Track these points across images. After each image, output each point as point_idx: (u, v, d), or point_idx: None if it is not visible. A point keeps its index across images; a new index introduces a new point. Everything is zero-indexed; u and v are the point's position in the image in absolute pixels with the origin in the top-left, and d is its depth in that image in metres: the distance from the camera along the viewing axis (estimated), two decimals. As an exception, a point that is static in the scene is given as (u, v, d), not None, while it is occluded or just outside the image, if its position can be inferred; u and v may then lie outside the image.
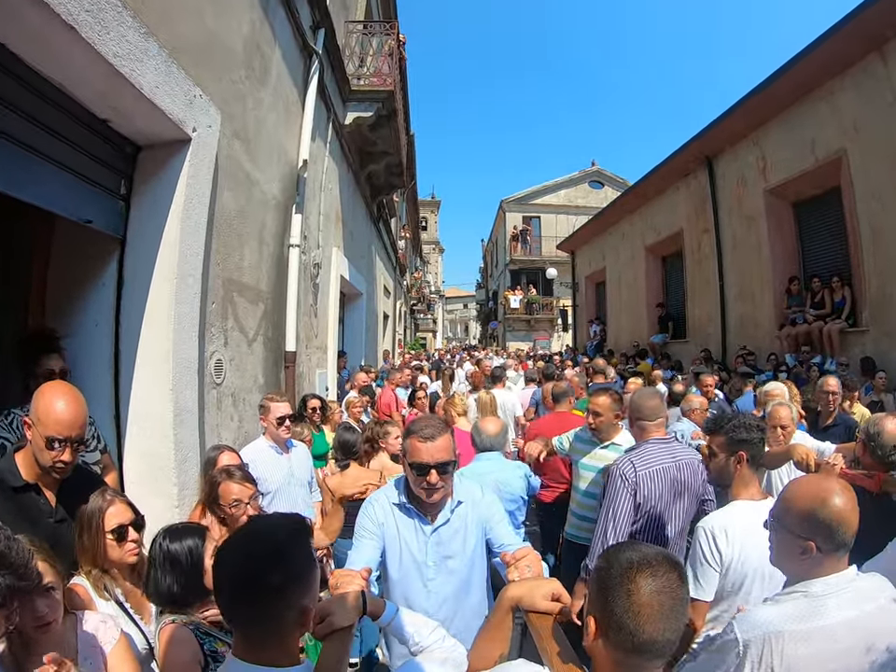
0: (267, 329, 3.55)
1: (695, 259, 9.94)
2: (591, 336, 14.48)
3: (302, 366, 4.41)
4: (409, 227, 18.41)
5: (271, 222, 3.66)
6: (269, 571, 0.89)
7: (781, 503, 1.28)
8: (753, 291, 8.50)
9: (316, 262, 4.63)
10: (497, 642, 1.13)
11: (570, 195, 23.92)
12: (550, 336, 22.93)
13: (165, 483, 2.41)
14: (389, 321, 13.24)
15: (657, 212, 11.24)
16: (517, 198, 23.92)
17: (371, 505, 1.69)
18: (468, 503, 1.68)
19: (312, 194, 4.76)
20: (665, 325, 10.68)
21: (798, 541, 1.20)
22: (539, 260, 22.89)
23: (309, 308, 4.59)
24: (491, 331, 28.63)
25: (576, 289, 16.12)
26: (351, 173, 6.83)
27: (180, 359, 2.34)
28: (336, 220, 5.83)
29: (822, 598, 1.16)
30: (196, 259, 2.48)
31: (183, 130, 2.55)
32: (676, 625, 0.85)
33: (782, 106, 7.88)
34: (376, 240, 9.71)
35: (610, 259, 13.55)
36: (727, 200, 9.18)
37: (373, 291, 9.37)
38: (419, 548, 1.62)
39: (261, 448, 2.79)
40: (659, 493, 2.13)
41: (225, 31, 3.03)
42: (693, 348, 9.77)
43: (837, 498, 1.18)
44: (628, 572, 0.87)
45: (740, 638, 1.15)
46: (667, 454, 2.21)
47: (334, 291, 5.49)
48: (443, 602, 1.61)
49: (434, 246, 39.63)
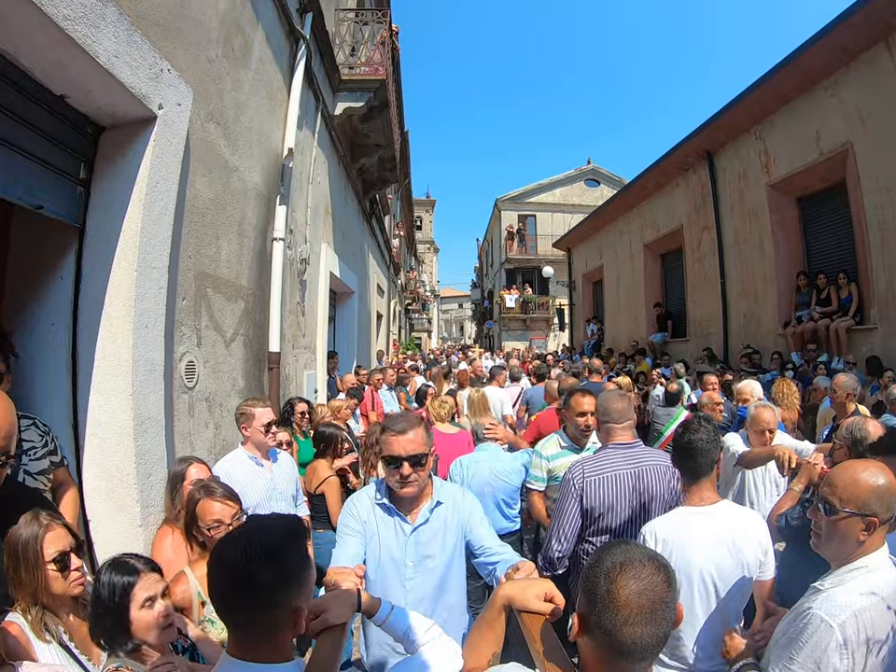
0: (248, 329, 3.30)
1: (696, 256, 9.75)
2: (588, 335, 14.28)
3: (288, 368, 4.15)
4: (403, 225, 18.15)
5: (252, 213, 3.40)
6: (262, 570, 0.89)
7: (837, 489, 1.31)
8: (756, 289, 8.31)
9: (303, 258, 4.37)
10: (489, 641, 1.12)
11: (566, 193, 23.78)
12: (546, 336, 22.75)
13: (127, 499, 2.15)
14: (383, 321, 12.97)
15: (656, 208, 11.04)
16: (512, 196, 23.74)
17: (354, 503, 1.71)
18: (447, 504, 1.69)
19: (298, 186, 4.50)
20: (665, 324, 10.48)
21: (863, 520, 1.26)
22: (535, 259, 22.73)
23: (296, 306, 4.34)
24: (486, 331, 28.43)
25: (573, 288, 15.91)
26: (342, 166, 6.57)
27: (142, 361, 2.09)
28: (325, 215, 5.58)
29: (879, 571, 1.26)
30: (161, 250, 2.22)
31: (147, 107, 2.29)
32: (656, 629, 0.84)
33: (786, 99, 7.70)
34: (369, 237, 9.45)
35: (608, 257, 13.34)
36: (728, 195, 8.99)
37: (366, 290, 9.11)
38: (398, 547, 1.64)
39: (240, 459, 2.53)
40: (609, 500, 2.06)
41: (198, 4, 2.78)
42: (693, 347, 9.58)
43: (886, 475, 1.29)
44: (611, 572, 0.87)
45: (834, 624, 1.18)
46: (625, 459, 2.12)
47: (323, 289, 5.23)
48: (420, 601, 1.62)
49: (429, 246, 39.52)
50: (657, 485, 2.10)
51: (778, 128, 8.07)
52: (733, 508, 1.75)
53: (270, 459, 2.62)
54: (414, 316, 29.67)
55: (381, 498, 1.68)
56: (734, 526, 1.65)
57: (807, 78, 7.21)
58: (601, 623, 0.85)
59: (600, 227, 13.66)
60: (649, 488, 2.09)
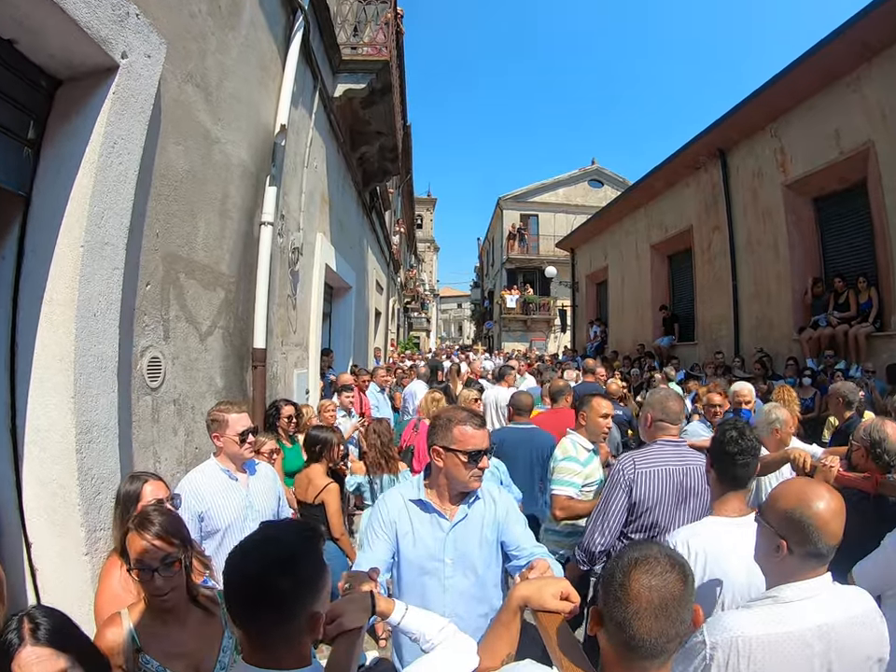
0: (228, 321, 2.93)
1: (706, 257, 9.43)
2: (591, 337, 13.95)
3: (276, 366, 3.79)
4: (404, 222, 17.79)
5: (236, 192, 3.03)
6: (280, 576, 0.88)
7: (769, 497, 1.29)
8: (770, 291, 7.99)
9: (296, 247, 4.01)
10: (504, 642, 1.12)
11: (569, 194, 23.53)
12: (546, 337, 22.44)
13: (70, 521, 1.79)
14: (382, 318, 12.60)
15: (665, 208, 10.71)
16: (515, 195, 23.45)
17: (385, 503, 1.67)
18: (485, 500, 1.67)
19: (292, 168, 4.14)
20: (672, 326, 10.15)
21: (774, 538, 1.20)
22: (537, 259, 22.46)
23: (286, 299, 3.98)
24: (486, 331, 28.10)
25: (576, 289, 15.58)
26: (341, 154, 6.21)
27: (88, 357, 1.72)
28: (322, 203, 5.21)
29: (792, 604, 1.16)
30: (117, 224, 1.85)
31: (107, 53, 1.93)
32: (666, 626, 0.84)
33: (804, 95, 7.42)
34: (368, 231, 9.08)
35: (613, 258, 13.01)
36: (742, 195, 8.68)
37: (364, 285, 8.74)
38: (436, 545, 1.59)
39: (210, 473, 2.17)
40: (658, 494, 2.03)
41: (178, -54, 2.42)
42: (702, 351, 9.25)
43: (821, 503, 1.16)
44: (626, 567, 0.88)
45: (707, 641, 1.15)
46: (675, 455, 2.11)
47: (317, 282, 4.87)
48: (459, 599, 1.59)
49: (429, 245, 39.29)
50: (700, 484, 2.06)
51: (796, 126, 7.78)
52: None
53: (246, 472, 2.26)
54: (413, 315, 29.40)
55: (416, 496, 1.64)
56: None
57: (827, 74, 6.92)
58: (613, 616, 0.86)
59: (605, 227, 13.33)
60: (694, 486, 2.06)
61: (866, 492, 2.05)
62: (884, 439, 2.10)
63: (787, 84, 7.39)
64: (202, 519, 2.11)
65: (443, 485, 1.63)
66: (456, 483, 1.60)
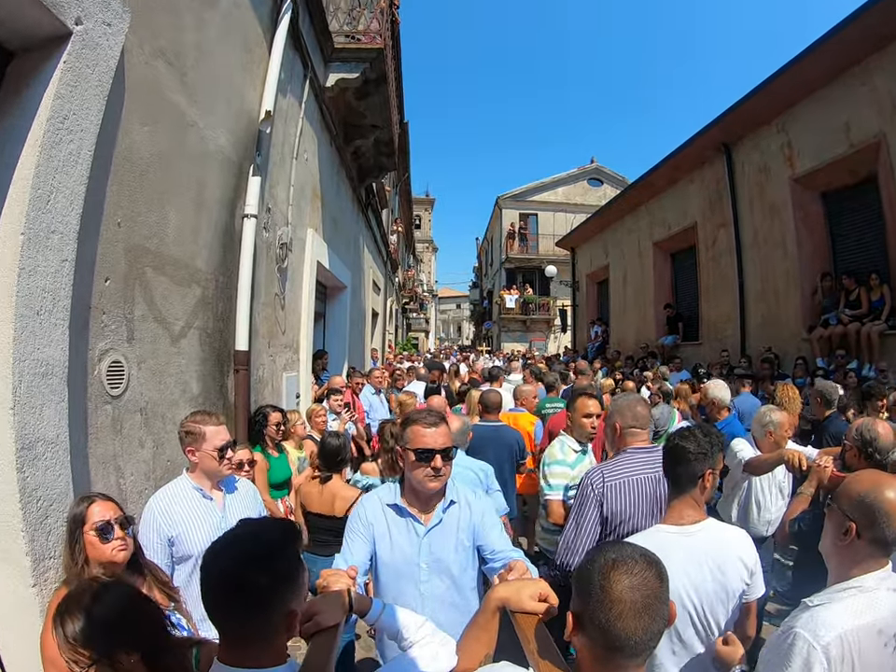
0: (206, 321, 2.70)
1: (710, 255, 9.21)
2: (592, 337, 13.73)
3: (262, 369, 3.56)
4: (401, 221, 17.56)
5: (214, 181, 2.80)
6: (258, 573, 0.87)
7: (843, 485, 1.30)
8: (777, 289, 7.78)
9: (284, 242, 3.78)
10: (482, 643, 1.11)
11: (569, 192, 23.35)
12: (546, 338, 22.22)
13: (13, 549, 1.56)
14: (379, 319, 12.37)
15: (667, 205, 10.50)
16: (514, 194, 23.25)
17: (363, 506, 1.67)
18: (460, 504, 1.66)
19: (280, 159, 3.91)
20: (675, 326, 9.92)
21: (844, 521, 1.22)
22: (536, 259, 22.26)
23: (273, 298, 3.75)
24: (485, 332, 27.88)
25: (576, 288, 15.36)
26: (334, 147, 5.98)
27: (30, 361, 1.49)
28: (314, 198, 4.99)
29: (876, 592, 1.18)
30: (67, 209, 1.62)
31: (58, 18, 1.71)
32: (649, 624, 0.85)
33: (812, 87, 7.22)
34: (364, 229, 8.84)
35: (614, 256, 12.79)
36: (748, 191, 8.47)
37: (360, 285, 8.51)
38: (412, 549, 1.59)
39: (181, 493, 1.94)
40: (632, 507, 1.96)
41: None
42: (707, 350, 9.04)
43: (892, 492, 1.18)
44: (604, 569, 0.88)
45: (818, 645, 1.12)
46: (646, 464, 2.02)
47: (309, 279, 4.63)
48: (435, 604, 1.58)
49: (427, 245, 39.12)
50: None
51: (803, 119, 7.59)
52: (716, 527, 1.59)
53: (222, 490, 2.03)
54: (412, 316, 29.18)
55: (393, 500, 1.63)
56: (715, 548, 1.52)
57: (836, 65, 6.73)
58: (594, 619, 0.86)
59: (606, 225, 13.11)
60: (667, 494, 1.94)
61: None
62: (875, 438, 2.10)
63: (794, 76, 7.19)
64: (172, 544, 1.88)
65: (412, 489, 1.62)
66: (415, 484, 1.59)
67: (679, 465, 1.58)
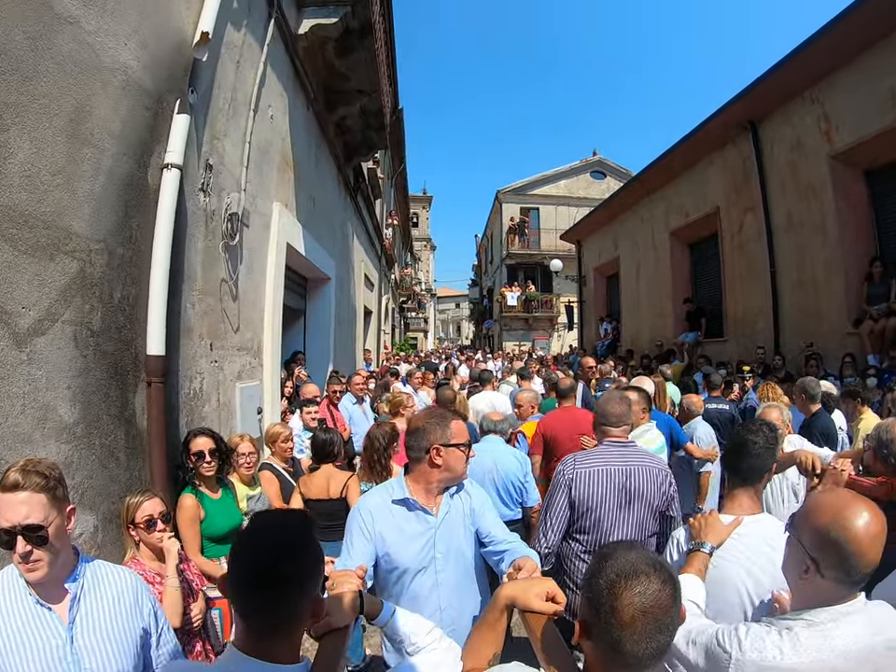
0: (87, 313, 1.81)
1: (736, 242, 8.36)
2: (602, 335, 12.87)
3: (201, 380, 2.68)
4: (397, 214, 16.69)
5: (108, 110, 1.93)
6: (287, 561, 0.88)
7: (803, 509, 1.20)
8: (816, 278, 6.93)
9: (234, 212, 2.92)
10: (490, 643, 1.10)
11: (571, 186, 22.54)
12: (550, 336, 21.38)
13: None
14: (373, 317, 11.49)
15: (685, 190, 9.64)
16: (515, 188, 22.43)
17: (369, 512, 1.64)
18: (462, 493, 1.70)
19: (230, 107, 3.06)
20: (697, 321, 9.05)
21: (805, 557, 1.10)
22: (538, 255, 21.44)
23: (219, 284, 2.88)
24: (486, 331, 27.01)
25: (583, 283, 14.49)
26: (312, 113, 5.12)
27: None
28: (283, 166, 4.13)
29: (828, 626, 1.05)
30: None
31: None
32: (661, 642, 0.82)
33: (851, 53, 6.42)
34: (354, 217, 7.97)
35: (625, 248, 11.93)
36: (779, 171, 7.62)
37: (349, 278, 7.64)
38: (427, 541, 1.60)
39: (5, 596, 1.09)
40: (599, 495, 2.03)
41: None
42: (733, 347, 8.18)
43: (860, 524, 1.03)
44: (615, 586, 0.83)
45: (733, 656, 1.07)
46: (618, 456, 2.10)
47: (276, 265, 3.76)
48: (448, 590, 1.61)
49: (426, 243, 38.38)
50: (646, 486, 2.05)
51: (841, 88, 6.76)
52: (771, 521, 1.54)
53: (68, 592, 1.17)
54: (410, 316, 28.38)
55: (401, 496, 1.64)
56: (772, 541, 1.44)
57: (879, 27, 5.90)
58: (604, 638, 0.82)
59: (615, 215, 12.25)
60: (638, 488, 2.04)
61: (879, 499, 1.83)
62: (892, 440, 1.99)
63: (828, 42, 6.39)
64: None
65: (434, 482, 1.63)
66: (455, 477, 1.64)
67: (748, 458, 1.56)
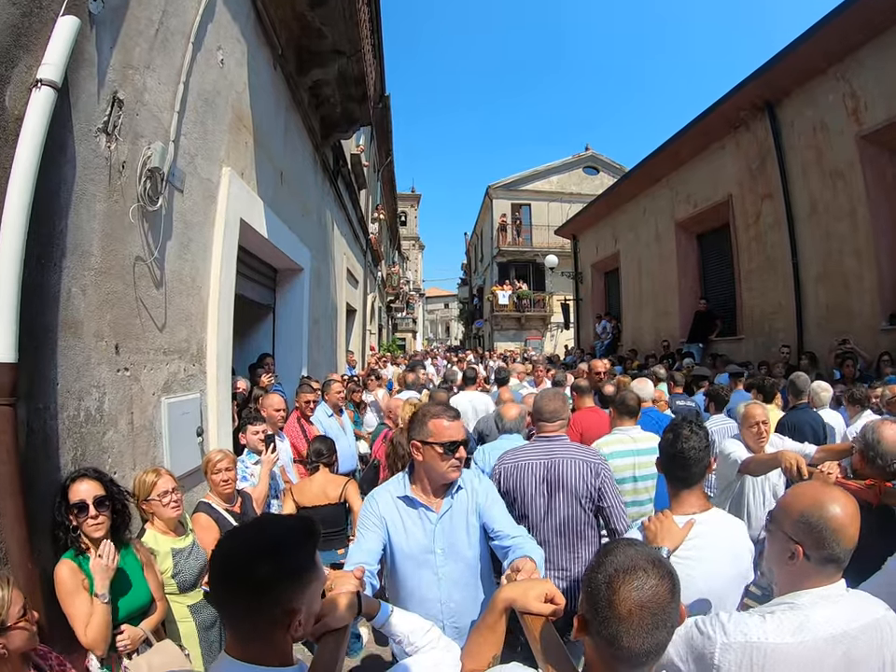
0: None
1: (751, 232, 7.72)
2: (599, 334, 12.20)
3: (98, 396, 1.81)
4: (384, 208, 15.87)
5: None
6: (259, 563, 0.86)
7: (780, 503, 1.25)
8: (845, 270, 6.31)
9: (154, 167, 2.12)
10: (490, 644, 1.11)
11: (563, 181, 21.93)
12: (543, 336, 20.71)
13: None
14: (357, 316, 10.67)
15: (693, 178, 9.00)
16: (505, 184, 21.75)
17: (375, 500, 1.70)
18: (466, 488, 1.71)
19: (157, 34, 2.26)
20: (707, 324, 8.36)
21: (789, 544, 1.15)
22: (530, 252, 20.80)
23: (132, 263, 2.04)
24: (476, 331, 26.27)
25: (579, 280, 13.83)
26: (280, 72, 4.32)
27: None
28: (238, 125, 3.33)
29: (809, 610, 1.09)
30: None
31: None
32: (660, 635, 0.83)
33: (881, 25, 5.82)
34: (334, 204, 7.16)
35: (626, 242, 11.27)
36: (800, 154, 7.00)
37: (328, 271, 6.82)
38: (426, 537, 1.64)
39: None
40: (521, 487, 2.15)
41: None
42: (750, 347, 7.54)
43: (836, 507, 1.11)
44: (613, 581, 0.84)
45: (718, 641, 1.09)
46: (542, 451, 2.20)
47: (222, 243, 2.92)
48: (451, 584, 1.63)
49: (414, 242, 37.59)
50: (568, 478, 2.11)
51: (870, 64, 6.19)
52: (723, 515, 1.63)
53: None
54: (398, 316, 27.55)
55: (403, 492, 1.67)
56: (729, 534, 1.55)
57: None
58: (601, 632, 0.83)
59: (615, 207, 11.59)
60: (559, 479, 2.11)
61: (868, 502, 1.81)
62: (878, 441, 1.95)
63: (854, 15, 5.79)
64: None
65: (425, 479, 1.67)
66: (436, 476, 1.65)
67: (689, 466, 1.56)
